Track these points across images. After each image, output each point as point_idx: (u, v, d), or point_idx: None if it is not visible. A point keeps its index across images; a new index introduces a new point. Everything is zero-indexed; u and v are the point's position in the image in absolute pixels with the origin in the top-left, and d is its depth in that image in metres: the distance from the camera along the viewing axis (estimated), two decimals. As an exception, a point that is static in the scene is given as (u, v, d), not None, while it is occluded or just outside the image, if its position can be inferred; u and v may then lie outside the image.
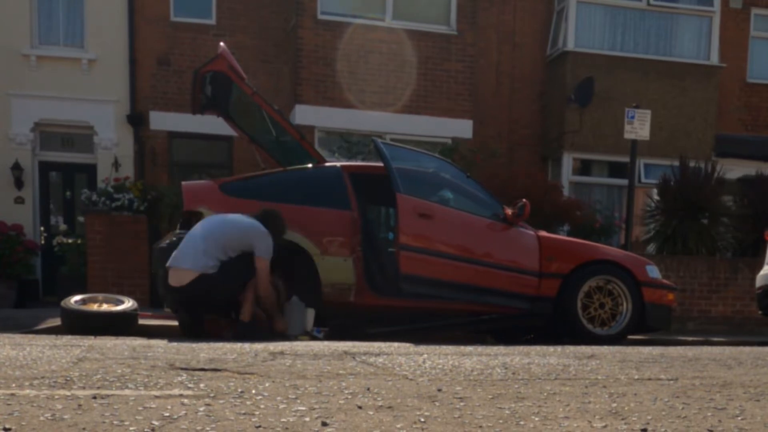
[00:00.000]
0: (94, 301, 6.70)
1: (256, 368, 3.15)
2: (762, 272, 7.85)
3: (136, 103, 12.55)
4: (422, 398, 2.46)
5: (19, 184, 12.27)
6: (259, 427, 1.93)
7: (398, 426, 2.01)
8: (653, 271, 7.01)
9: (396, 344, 5.00)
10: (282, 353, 3.86)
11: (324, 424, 1.99)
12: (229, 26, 12.76)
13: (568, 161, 13.14)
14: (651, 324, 6.93)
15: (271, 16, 12.87)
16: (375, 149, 6.69)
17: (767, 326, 9.77)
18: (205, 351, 3.89)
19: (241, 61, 7.72)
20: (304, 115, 11.86)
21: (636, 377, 3.18)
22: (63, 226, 12.21)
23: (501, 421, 2.11)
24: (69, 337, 5.44)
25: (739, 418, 2.24)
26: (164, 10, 12.64)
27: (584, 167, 13.52)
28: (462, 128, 12.62)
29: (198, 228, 5.98)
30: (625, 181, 11.38)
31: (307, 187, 6.69)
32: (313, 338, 5.94)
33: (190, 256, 5.82)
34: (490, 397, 2.53)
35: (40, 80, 12.21)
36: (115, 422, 1.93)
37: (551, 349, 4.75)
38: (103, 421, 1.93)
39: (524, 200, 6.73)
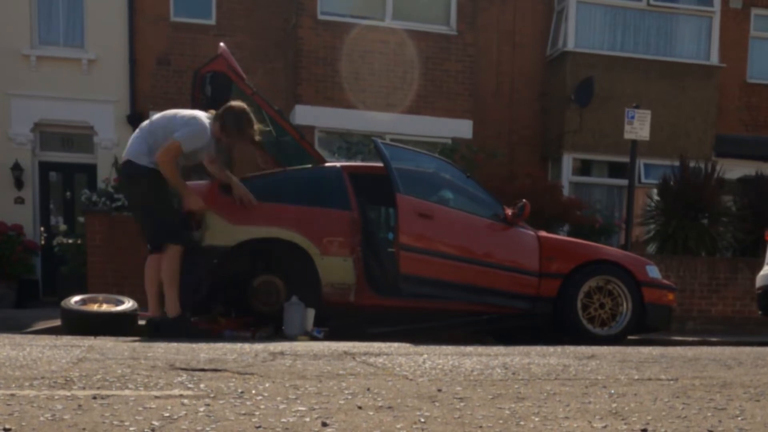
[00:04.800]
0: (94, 301, 6.68)
1: (256, 368, 3.15)
2: (762, 272, 7.85)
3: (136, 103, 12.55)
4: (422, 398, 2.46)
5: (19, 184, 12.28)
6: (259, 427, 1.93)
7: (398, 426, 2.01)
8: (653, 271, 7.01)
9: (396, 344, 5.00)
10: (282, 353, 3.86)
11: (324, 424, 1.99)
12: (229, 26, 12.76)
13: (568, 161, 13.14)
14: (651, 324, 6.93)
15: (271, 16, 12.87)
16: (375, 149, 6.69)
17: (767, 326, 9.77)
18: (205, 351, 3.89)
19: (240, 61, 7.72)
20: (304, 115, 11.86)
21: (636, 377, 3.18)
22: (63, 226, 12.19)
23: (501, 421, 2.11)
24: (69, 337, 5.43)
25: (739, 418, 2.24)
26: (164, 10, 12.64)
27: (584, 167, 13.52)
28: (462, 128, 12.62)
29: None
30: (625, 181, 11.37)
31: (307, 187, 6.69)
32: (313, 338, 5.94)
33: (131, 142, 5.88)
34: (490, 397, 2.53)
35: (40, 80, 12.21)
36: (115, 422, 1.93)
37: (551, 349, 4.75)
38: (103, 422, 1.94)
39: (524, 200, 6.73)
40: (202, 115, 5.89)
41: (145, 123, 6.03)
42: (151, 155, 5.70)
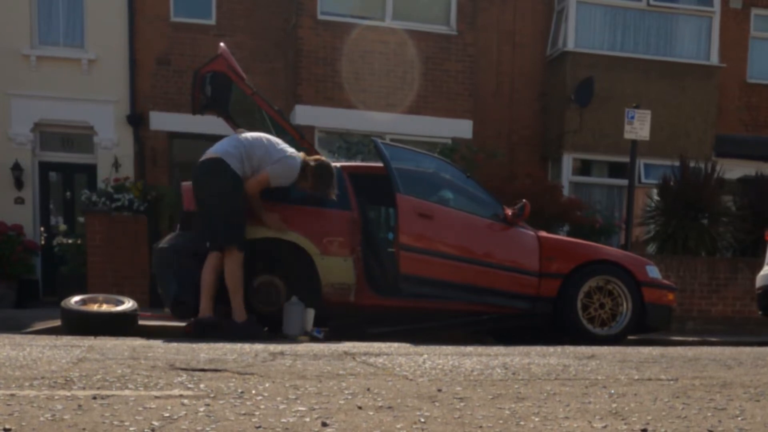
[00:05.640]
0: (94, 301, 6.69)
1: (256, 368, 3.15)
2: (762, 272, 7.85)
3: (136, 103, 12.55)
4: (422, 398, 2.46)
5: (19, 184, 12.27)
6: (259, 427, 1.93)
7: (398, 426, 2.01)
8: (653, 271, 7.01)
9: (396, 344, 5.00)
10: (282, 353, 3.86)
11: (324, 424, 1.99)
12: (229, 26, 12.76)
13: (568, 161, 13.14)
14: (651, 324, 6.93)
15: (271, 16, 12.87)
16: (375, 149, 6.69)
17: (767, 326, 9.77)
18: (205, 351, 3.89)
19: (240, 61, 7.72)
20: (304, 115, 11.86)
21: (636, 377, 3.18)
22: (63, 226, 12.21)
23: (501, 422, 2.11)
24: (69, 337, 5.43)
25: (739, 418, 2.24)
26: (164, 10, 12.64)
27: (584, 167, 13.52)
28: (462, 128, 12.62)
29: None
30: (625, 181, 11.38)
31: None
32: (313, 338, 5.94)
33: (223, 143, 6.03)
34: (490, 397, 2.53)
35: (40, 80, 12.21)
36: (115, 422, 1.93)
37: (551, 349, 4.76)
38: (103, 422, 1.94)
39: (524, 200, 6.74)
40: (296, 154, 6.10)
41: (245, 136, 6.11)
42: (242, 169, 5.85)
